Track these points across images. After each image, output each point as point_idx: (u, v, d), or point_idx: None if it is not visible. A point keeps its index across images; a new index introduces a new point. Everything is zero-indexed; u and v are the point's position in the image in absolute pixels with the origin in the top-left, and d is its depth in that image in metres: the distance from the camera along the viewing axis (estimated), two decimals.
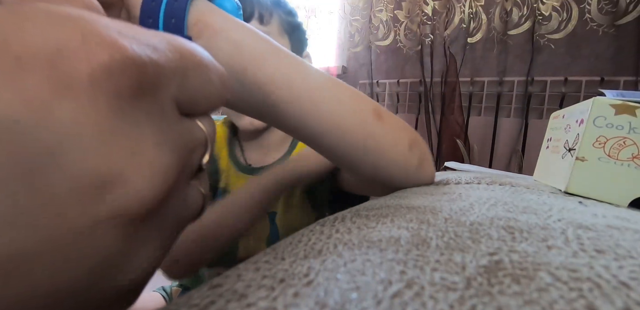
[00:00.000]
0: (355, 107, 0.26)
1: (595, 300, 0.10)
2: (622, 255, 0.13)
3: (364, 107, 0.26)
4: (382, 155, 0.27)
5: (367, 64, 1.34)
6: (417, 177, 0.30)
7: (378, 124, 0.26)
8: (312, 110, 0.24)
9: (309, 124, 0.25)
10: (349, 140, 0.26)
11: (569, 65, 1.02)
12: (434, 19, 1.19)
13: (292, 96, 0.23)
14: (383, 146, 0.27)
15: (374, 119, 0.26)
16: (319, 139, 0.26)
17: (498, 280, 0.11)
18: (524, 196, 0.24)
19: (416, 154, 0.29)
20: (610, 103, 0.27)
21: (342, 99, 0.25)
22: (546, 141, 0.37)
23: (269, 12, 0.47)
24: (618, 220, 0.19)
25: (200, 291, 0.11)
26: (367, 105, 0.27)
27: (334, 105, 0.25)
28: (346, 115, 0.25)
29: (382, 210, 0.21)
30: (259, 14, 0.45)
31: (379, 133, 0.26)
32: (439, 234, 0.15)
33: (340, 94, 0.26)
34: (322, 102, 0.25)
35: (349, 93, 0.26)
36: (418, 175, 0.30)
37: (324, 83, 0.25)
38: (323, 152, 0.28)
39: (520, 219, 0.17)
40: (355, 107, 0.26)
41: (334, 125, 0.25)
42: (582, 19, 1.00)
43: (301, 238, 0.16)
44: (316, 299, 0.10)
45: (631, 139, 0.26)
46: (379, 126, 0.26)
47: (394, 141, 0.28)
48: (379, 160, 0.27)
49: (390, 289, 0.11)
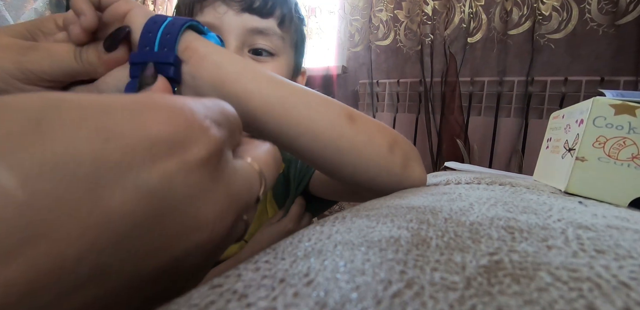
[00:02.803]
0: (325, 111, 0.28)
1: (595, 300, 0.10)
2: (622, 255, 0.13)
3: (334, 111, 0.28)
4: (359, 156, 0.28)
5: (367, 63, 1.34)
6: (404, 178, 0.30)
7: (349, 125, 0.28)
8: (284, 115, 0.27)
9: (283, 129, 0.27)
10: (321, 142, 0.27)
11: (569, 65, 1.02)
12: (434, 18, 1.19)
13: (265, 104, 0.26)
14: (357, 146, 0.28)
15: (345, 121, 0.28)
16: (295, 143, 0.28)
17: (498, 280, 0.11)
18: (524, 196, 0.24)
19: (398, 155, 0.29)
20: (610, 103, 0.27)
21: (312, 105, 0.28)
22: (546, 141, 0.37)
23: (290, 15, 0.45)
24: (618, 220, 0.19)
25: (200, 291, 0.11)
26: (337, 110, 0.29)
27: (304, 110, 0.27)
28: (317, 118, 0.27)
29: (382, 210, 0.21)
30: (281, 14, 0.44)
31: (351, 133, 0.28)
32: (439, 234, 0.15)
33: (311, 100, 0.28)
34: (294, 108, 0.27)
35: (319, 100, 0.28)
36: (405, 176, 0.30)
37: (294, 91, 0.28)
38: (301, 156, 0.30)
39: (520, 219, 0.17)
40: (325, 111, 0.28)
41: (306, 128, 0.27)
42: (582, 19, 1.00)
43: (301, 238, 0.16)
44: (316, 299, 0.10)
45: (631, 139, 0.26)
46: (351, 127, 0.28)
47: (369, 141, 0.29)
48: (356, 160, 0.28)
49: (390, 288, 0.11)
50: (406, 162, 0.30)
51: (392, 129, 0.32)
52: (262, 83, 0.27)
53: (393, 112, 1.29)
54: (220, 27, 0.42)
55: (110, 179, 0.09)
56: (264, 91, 0.26)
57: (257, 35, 0.42)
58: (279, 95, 0.27)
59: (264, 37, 0.43)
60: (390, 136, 0.30)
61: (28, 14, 1.55)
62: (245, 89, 0.26)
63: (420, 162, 0.32)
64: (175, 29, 0.24)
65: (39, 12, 1.58)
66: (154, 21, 0.25)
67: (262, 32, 0.42)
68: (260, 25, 0.42)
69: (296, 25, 0.47)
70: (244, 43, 0.43)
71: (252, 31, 0.42)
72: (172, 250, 0.10)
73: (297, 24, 0.48)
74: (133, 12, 0.25)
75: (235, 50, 0.42)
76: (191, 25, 0.26)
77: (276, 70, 0.44)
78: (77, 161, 0.08)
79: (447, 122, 1.16)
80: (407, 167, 0.30)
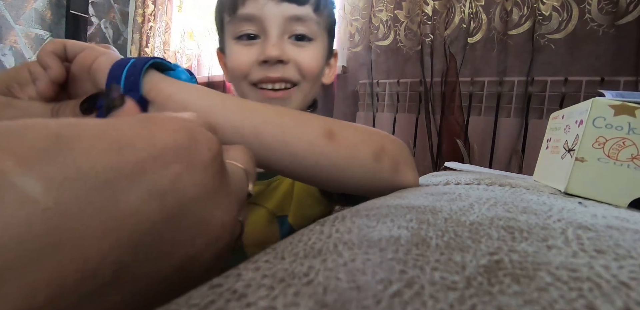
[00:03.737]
0: (301, 133, 0.28)
1: (595, 300, 0.10)
2: (622, 256, 0.13)
3: (311, 131, 0.29)
4: (342, 171, 0.29)
5: (367, 63, 1.34)
6: (394, 182, 0.31)
7: (329, 143, 0.28)
8: (260, 144, 0.27)
9: (261, 156, 0.27)
10: (301, 164, 0.28)
11: (569, 65, 1.02)
12: (434, 19, 1.19)
13: (239, 135, 0.27)
14: (339, 162, 0.29)
15: (323, 140, 0.28)
16: (277, 166, 0.28)
17: (498, 279, 0.11)
18: (524, 197, 0.24)
19: (386, 162, 0.30)
20: (609, 104, 0.27)
21: (287, 128, 0.28)
22: (546, 142, 0.37)
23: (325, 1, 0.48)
24: (618, 220, 0.19)
25: (200, 291, 0.11)
26: (315, 129, 0.29)
27: (279, 135, 0.28)
28: (293, 141, 0.28)
29: (382, 209, 0.21)
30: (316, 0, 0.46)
31: (330, 151, 0.28)
32: (439, 234, 0.15)
33: (285, 123, 0.28)
34: (268, 135, 0.27)
35: (294, 121, 0.29)
36: (396, 181, 0.31)
37: (267, 117, 0.28)
38: (286, 176, 0.31)
39: (520, 219, 0.17)
40: (301, 132, 0.28)
41: (283, 152, 0.28)
42: (582, 19, 1.00)
43: (301, 237, 0.16)
44: (316, 299, 0.10)
45: (630, 140, 0.26)
46: (330, 145, 0.28)
47: (351, 155, 0.29)
48: (340, 174, 0.29)
49: (390, 288, 0.11)
50: (396, 167, 0.31)
51: (379, 134, 0.32)
52: (233, 115, 0.27)
53: (393, 112, 1.29)
54: (261, 17, 0.44)
55: (126, 185, 0.09)
56: (236, 123, 0.27)
57: (295, 22, 0.45)
58: (250, 125, 0.27)
59: (302, 23, 0.46)
60: (376, 144, 0.30)
61: (28, 14, 1.55)
62: (216, 123, 0.26)
63: (411, 164, 0.33)
64: (137, 70, 0.25)
65: (39, 12, 1.58)
66: (118, 65, 0.25)
67: (300, 18, 0.45)
68: (298, 12, 0.45)
69: (329, 9, 0.50)
70: (284, 31, 0.45)
71: (291, 18, 0.45)
72: (188, 249, 0.11)
73: (330, 7, 0.51)
74: (98, 61, 0.25)
75: (276, 38, 0.45)
76: (154, 63, 0.26)
77: (315, 53, 0.47)
78: (96, 171, 0.09)
79: (447, 122, 1.16)
80: (397, 172, 0.31)
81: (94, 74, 0.25)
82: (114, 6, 1.86)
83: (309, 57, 0.47)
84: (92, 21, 1.76)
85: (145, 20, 1.79)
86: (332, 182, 0.30)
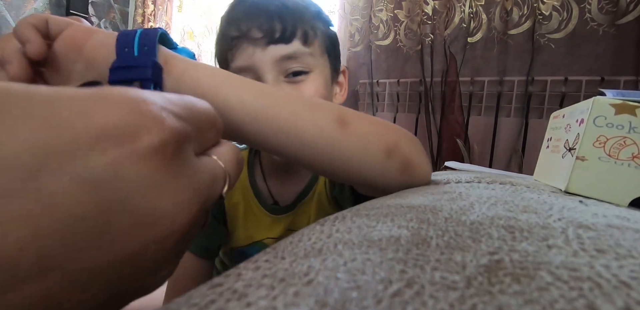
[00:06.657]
0: (311, 118, 0.27)
1: (596, 300, 0.10)
2: (623, 255, 0.13)
3: (322, 116, 0.28)
4: (351, 162, 0.28)
5: (367, 63, 1.34)
6: (403, 181, 0.30)
7: (340, 131, 0.27)
8: (268, 125, 0.26)
9: (268, 140, 0.27)
10: (310, 150, 0.27)
11: (569, 65, 1.02)
12: (434, 18, 1.19)
13: (248, 115, 0.26)
14: (348, 153, 0.28)
15: (334, 127, 0.27)
16: (284, 152, 0.28)
17: (498, 279, 0.11)
18: (525, 195, 0.24)
19: (397, 159, 0.29)
20: (610, 102, 0.27)
21: (298, 112, 0.27)
22: (546, 141, 0.37)
23: (313, 28, 0.45)
24: (618, 219, 0.19)
25: (200, 290, 0.11)
26: (326, 114, 0.28)
27: (289, 118, 0.27)
28: (303, 126, 0.27)
29: (382, 209, 0.21)
30: (303, 32, 0.44)
31: (341, 140, 0.27)
32: (439, 233, 0.15)
33: (296, 107, 0.27)
34: (277, 117, 0.27)
35: (305, 106, 0.28)
36: (404, 179, 0.30)
37: (277, 99, 0.27)
38: (296, 163, 0.30)
39: (520, 219, 0.17)
40: (311, 117, 0.27)
41: (293, 137, 0.27)
42: (582, 19, 1.00)
43: (301, 237, 0.16)
44: (316, 298, 0.10)
45: (631, 139, 0.26)
46: (342, 133, 0.27)
47: (362, 147, 0.28)
48: (348, 166, 0.28)
49: (391, 288, 0.11)
50: (406, 167, 0.29)
51: (396, 130, 0.31)
52: (244, 95, 0.26)
53: (393, 112, 1.29)
54: (253, 66, 0.43)
55: (53, 168, 0.08)
56: (246, 103, 0.26)
57: (287, 61, 0.43)
58: (261, 105, 0.26)
59: (295, 60, 0.44)
60: (390, 138, 0.29)
61: (28, 14, 1.55)
62: (227, 102, 0.26)
63: (421, 161, 0.31)
64: (151, 40, 0.24)
65: (39, 12, 1.58)
66: (125, 35, 0.24)
67: (291, 56, 0.43)
68: (287, 52, 0.43)
69: (322, 33, 0.47)
70: (279, 72, 0.43)
71: (282, 59, 0.43)
72: (129, 244, 0.10)
73: (323, 31, 0.47)
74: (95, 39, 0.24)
75: (272, 82, 0.43)
76: (161, 35, 0.26)
77: (314, 85, 0.45)
78: (15, 150, 0.08)
79: (447, 121, 1.16)
80: (407, 170, 0.30)
81: (92, 52, 0.24)
82: (114, 6, 1.86)
83: (308, 91, 0.45)
84: (92, 21, 1.76)
85: (145, 20, 1.79)
86: (339, 172, 0.29)
